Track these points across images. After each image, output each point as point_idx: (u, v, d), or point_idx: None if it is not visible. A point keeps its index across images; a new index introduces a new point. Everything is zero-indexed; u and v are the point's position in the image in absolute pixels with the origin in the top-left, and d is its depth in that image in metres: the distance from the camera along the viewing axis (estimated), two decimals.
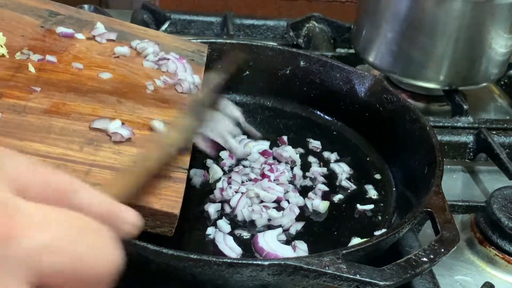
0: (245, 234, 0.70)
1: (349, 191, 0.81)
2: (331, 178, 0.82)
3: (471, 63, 1.01)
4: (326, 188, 0.80)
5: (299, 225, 0.72)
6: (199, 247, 0.68)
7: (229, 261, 0.53)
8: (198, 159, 0.83)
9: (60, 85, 0.68)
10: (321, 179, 0.82)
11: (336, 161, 0.86)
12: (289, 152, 0.85)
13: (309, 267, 0.53)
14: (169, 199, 0.58)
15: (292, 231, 0.72)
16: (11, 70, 0.67)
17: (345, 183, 0.81)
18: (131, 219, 0.39)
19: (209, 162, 0.82)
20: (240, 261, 0.54)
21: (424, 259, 0.56)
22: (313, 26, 1.28)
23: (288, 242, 0.70)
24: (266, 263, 0.53)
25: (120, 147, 0.62)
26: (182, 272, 0.54)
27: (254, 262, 0.53)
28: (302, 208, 0.76)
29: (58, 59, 0.72)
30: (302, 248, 0.68)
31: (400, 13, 1.01)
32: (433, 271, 0.68)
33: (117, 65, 0.75)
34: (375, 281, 0.52)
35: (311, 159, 0.86)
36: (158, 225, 0.57)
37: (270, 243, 0.67)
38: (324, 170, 0.84)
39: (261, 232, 0.70)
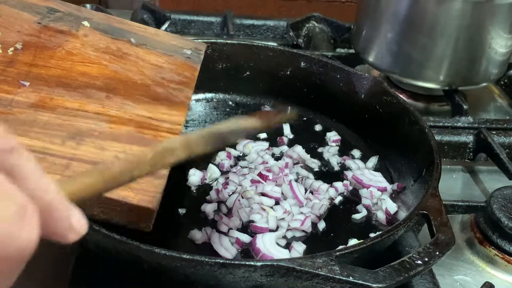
0: (243, 235, 0.70)
1: (347, 193, 0.81)
2: (330, 179, 0.82)
3: (471, 63, 1.01)
4: (325, 189, 0.79)
5: (297, 233, 0.72)
6: (195, 247, 0.68)
7: (221, 261, 0.53)
8: (199, 158, 0.83)
9: (50, 80, 0.69)
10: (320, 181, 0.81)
11: (336, 162, 0.86)
12: (298, 152, 0.85)
13: (302, 268, 0.52)
14: (147, 194, 0.58)
15: (289, 235, 0.72)
16: (2, 64, 0.68)
17: (343, 185, 0.81)
18: (73, 223, 0.35)
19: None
20: (232, 262, 0.54)
21: (419, 261, 0.56)
22: (313, 26, 1.28)
23: (288, 245, 0.70)
24: (259, 264, 0.53)
25: (104, 142, 0.62)
26: (175, 272, 0.54)
27: (247, 263, 0.53)
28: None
29: (51, 55, 0.72)
30: (298, 250, 0.68)
31: (400, 13, 1.01)
32: (433, 271, 0.68)
33: (110, 61, 0.76)
34: (368, 283, 0.52)
35: (311, 160, 0.86)
36: (136, 220, 0.57)
37: (267, 245, 0.67)
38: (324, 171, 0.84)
39: (259, 234, 0.69)
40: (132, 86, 0.73)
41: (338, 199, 0.79)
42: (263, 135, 0.90)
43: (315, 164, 0.85)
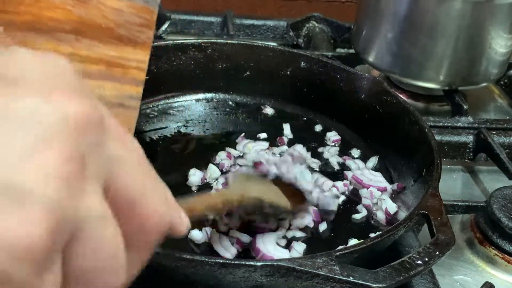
0: (243, 235, 0.69)
1: (347, 193, 0.80)
2: (330, 179, 0.82)
3: (471, 63, 1.01)
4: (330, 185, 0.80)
5: (298, 233, 0.72)
6: (195, 247, 0.68)
7: (221, 261, 0.53)
8: (199, 158, 0.83)
9: (21, 26, 0.70)
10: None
11: (336, 162, 0.86)
12: (300, 151, 0.85)
13: (302, 268, 0.52)
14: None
15: (290, 235, 0.71)
16: None
17: (344, 185, 0.81)
18: (183, 217, 0.40)
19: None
20: (232, 262, 0.54)
21: (419, 261, 0.56)
22: (313, 26, 1.28)
23: (288, 245, 0.69)
24: (259, 264, 0.53)
25: None
26: (175, 272, 0.54)
27: (247, 263, 0.53)
28: None
29: (19, 2, 0.73)
30: (298, 250, 0.68)
31: (400, 13, 1.01)
32: (433, 271, 0.67)
33: (74, 6, 0.77)
34: (368, 283, 0.52)
35: (312, 159, 0.86)
36: None
37: (267, 245, 0.67)
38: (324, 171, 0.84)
39: (260, 233, 0.69)
40: (98, 29, 0.75)
41: (342, 199, 0.79)
42: (263, 135, 0.90)
43: (315, 164, 0.85)
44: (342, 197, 0.79)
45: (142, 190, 0.33)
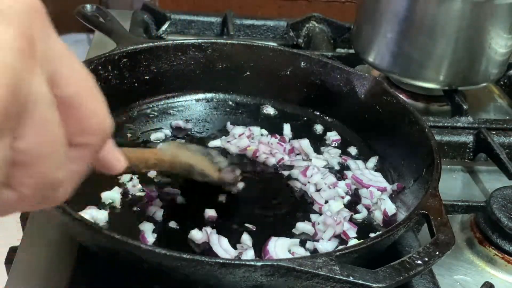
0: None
1: (350, 193, 0.81)
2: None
3: (471, 63, 1.01)
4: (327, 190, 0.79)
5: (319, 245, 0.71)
6: (195, 247, 0.68)
7: (221, 261, 0.53)
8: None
9: None
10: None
11: (336, 162, 0.86)
12: (301, 144, 0.86)
13: (302, 268, 0.52)
14: None
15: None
16: None
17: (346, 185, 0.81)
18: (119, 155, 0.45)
19: None
20: (232, 262, 0.54)
21: (419, 261, 0.56)
22: (313, 26, 1.28)
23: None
24: (259, 264, 0.53)
25: None
26: (175, 272, 0.54)
27: (247, 263, 0.53)
28: None
29: None
30: (298, 250, 0.68)
31: (400, 13, 1.01)
32: (433, 271, 0.67)
33: None
34: (368, 283, 0.52)
35: (315, 155, 0.86)
36: None
37: (278, 249, 0.66)
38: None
39: (274, 237, 0.68)
40: None
41: (347, 199, 0.79)
42: (264, 133, 0.90)
43: (319, 160, 0.85)
44: (348, 197, 0.79)
45: (83, 93, 0.36)
